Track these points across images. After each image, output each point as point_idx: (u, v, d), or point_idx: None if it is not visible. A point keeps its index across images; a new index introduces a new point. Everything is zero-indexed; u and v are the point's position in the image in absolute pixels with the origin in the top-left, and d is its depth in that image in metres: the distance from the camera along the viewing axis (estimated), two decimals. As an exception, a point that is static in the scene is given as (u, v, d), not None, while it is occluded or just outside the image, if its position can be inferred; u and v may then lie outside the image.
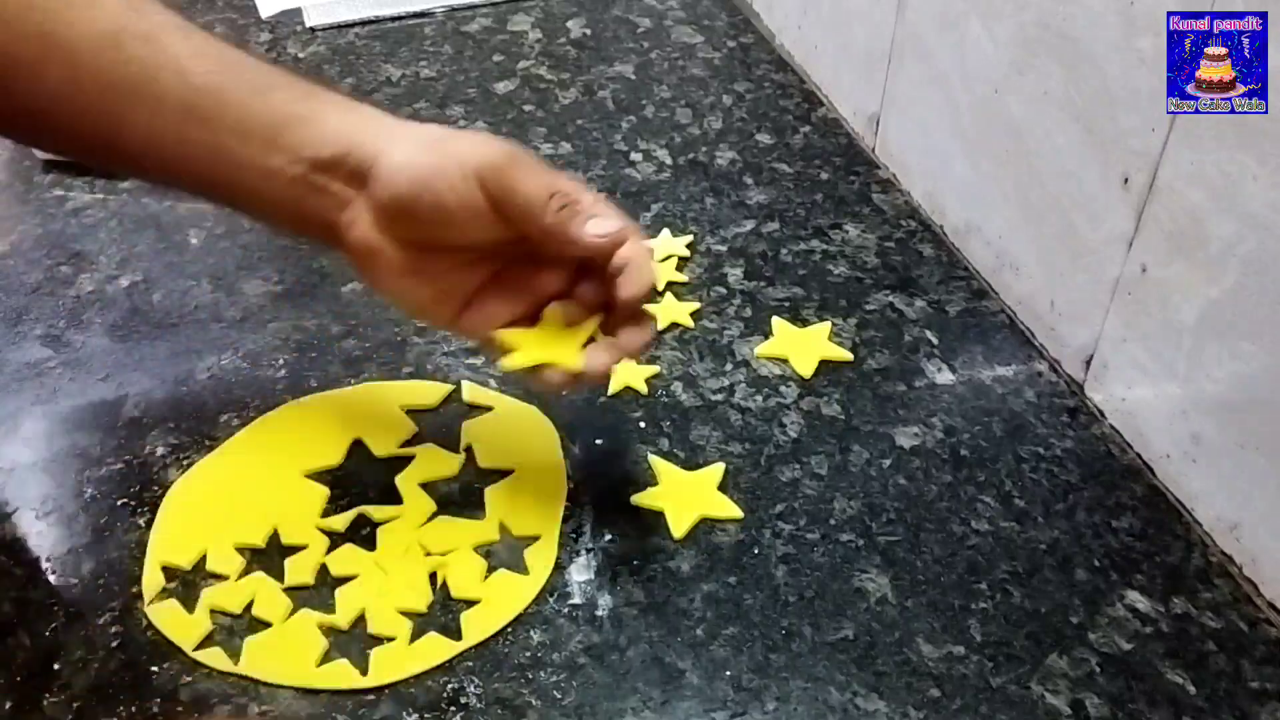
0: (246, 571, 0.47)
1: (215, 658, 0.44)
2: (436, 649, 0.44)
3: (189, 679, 0.43)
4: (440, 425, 0.54)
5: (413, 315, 0.52)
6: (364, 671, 0.44)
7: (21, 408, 0.55)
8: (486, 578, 0.47)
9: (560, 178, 0.45)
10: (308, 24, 0.89)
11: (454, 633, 0.45)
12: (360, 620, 0.45)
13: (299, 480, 0.51)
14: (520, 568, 0.47)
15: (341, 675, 0.43)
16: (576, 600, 0.46)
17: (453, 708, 0.43)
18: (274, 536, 0.49)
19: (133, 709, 0.42)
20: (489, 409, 0.55)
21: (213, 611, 0.46)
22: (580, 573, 0.47)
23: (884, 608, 0.46)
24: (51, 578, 0.47)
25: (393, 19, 0.90)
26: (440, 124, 0.50)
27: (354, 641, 0.45)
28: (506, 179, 0.44)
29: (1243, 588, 0.47)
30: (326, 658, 0.44)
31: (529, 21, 0.90)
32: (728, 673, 0.44)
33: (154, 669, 0.44)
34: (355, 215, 0.45)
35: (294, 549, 0.48)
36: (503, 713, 0.42)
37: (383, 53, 0.85)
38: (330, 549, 0.48)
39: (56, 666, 0.44)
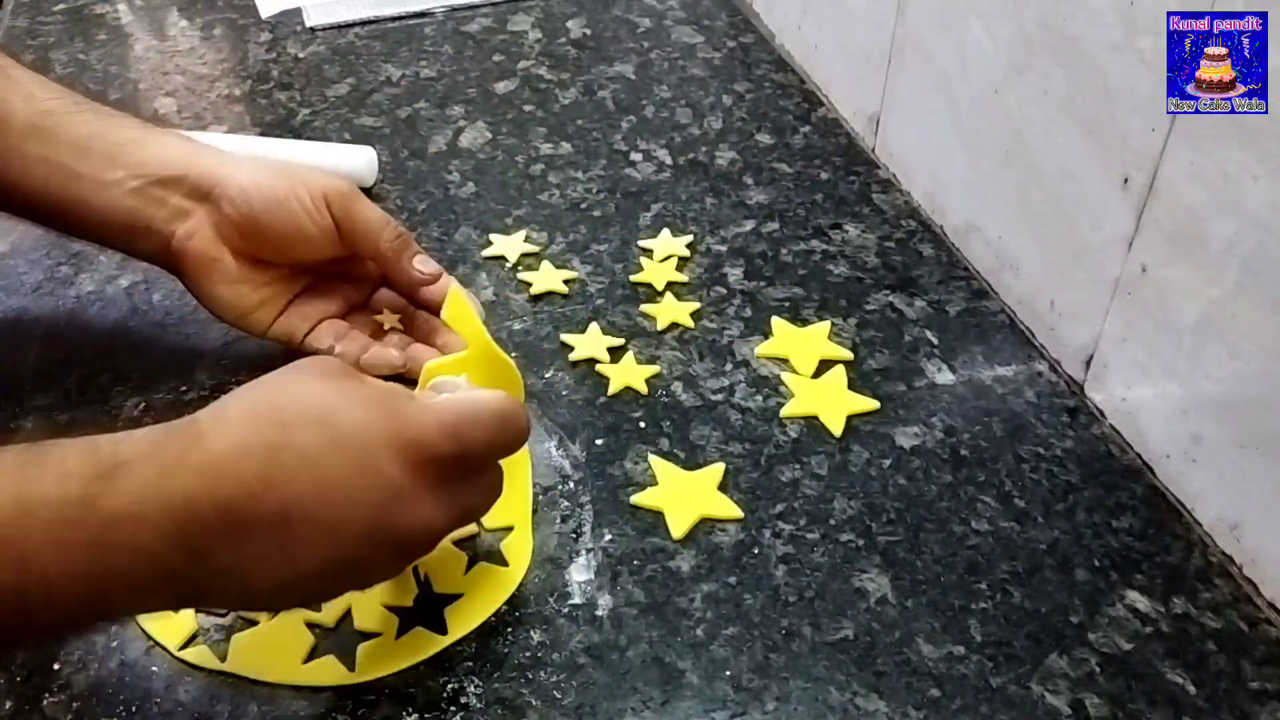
0: None
1: (201, 656, 0.44)
2: (423, 644, 0.44)
3: (189, 679, 0.43)
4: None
5: (233, 320, 0.55)
6: (351, 668, 0.44)
7: (22, 408, 0.55)
8: (467, 571, 0.47)
9: (391, 218, 0.54)
10: (308, 24, 0.89)
11: (438, 627, 0.45)
12: (346, 617, 0.46)
13: None
14: (500, 559, 0.48)
15: (328, 672, 0.44)
16: (576, 600, 0.46)
17: (453, 708, 0.43)
18: None
19: (133, 709, 0.42)
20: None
21: (198, 610, 0.46)
22: (580, 573, 0.47)
23: (884, 608, 0.46)
24: (51, 578, 0.47)
25: (393, 19, 0.90)
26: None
27: (340, 638, 0.45)
28: (351, 204, 0.53)
29: (1243, 588, 0.47)
30: (313, 655, 0.44)
31: (529, 21, 0.90)
32: (728, 673, 0.44)
33: (153, 669, 0.44)
34: (195, 227, 0.52)
35: None
36: (503, 713, 0.42)
37: (383, 53, 0.86)
38: None
39: (56, 666, 0.44)
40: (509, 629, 0.45)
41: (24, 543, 0.33)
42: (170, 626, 0.45)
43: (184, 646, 0.44)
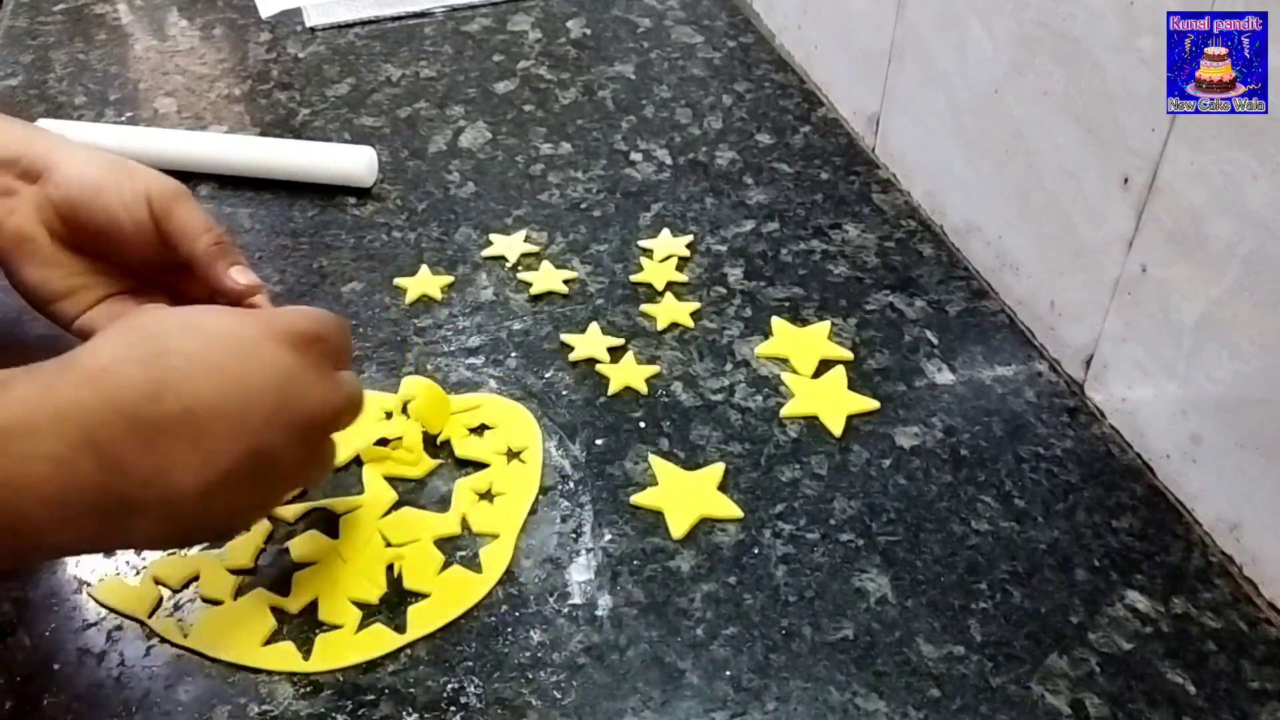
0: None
1: (166, 627, 0.45)
2: (380, 640, 0.45)
3: (189, 679, 0.43)
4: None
5: (39, 305, 0.53)
6: (307, 657, 0.44)
7: (21, 408, 0.55)
8: (440, 572, 0.47)
9: (217, 225, 0.52)
10: (308, 24, 0.89)
11: (402, 625, 0.45)
12: (312, 606, 0.46)
13: None
14: (475, 565, 0.48)
15: (284, 658, 0.44)
16: (576, 600, 0.46)
17: (453, 708, 0.43)
18: None
19: (132, 709, 0.42)
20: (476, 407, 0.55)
21: (158, 582, 0.46)
22: (580, 573, 0.47)
23: (884, 608, 0.46)
24: (51, 578, 0.47)
25: (393, 19, 0.90)
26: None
27: (302, 627, 0.45)
28: (173, 203, 0.51)
29: (1243, 588, 0.47)
30: (276, 639, 0.45)
31: (529, 21, 0.90)
32: (728, 673, 0.44)
33: (154, 669, 0.44)
34: (17, 205, 0.51)
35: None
36: (503, 713, 0.42)
37: (383, 53, 0.86)
38: (285, 536, 0.48)
39: (56, 666, 0.44)
40: (509, 629, 0.45)
41: None
42: (134, 599, 0.46)
43: (150, 615, 0.45)
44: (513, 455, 0.52)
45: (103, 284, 0.53)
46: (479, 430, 0.54)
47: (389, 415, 0.53)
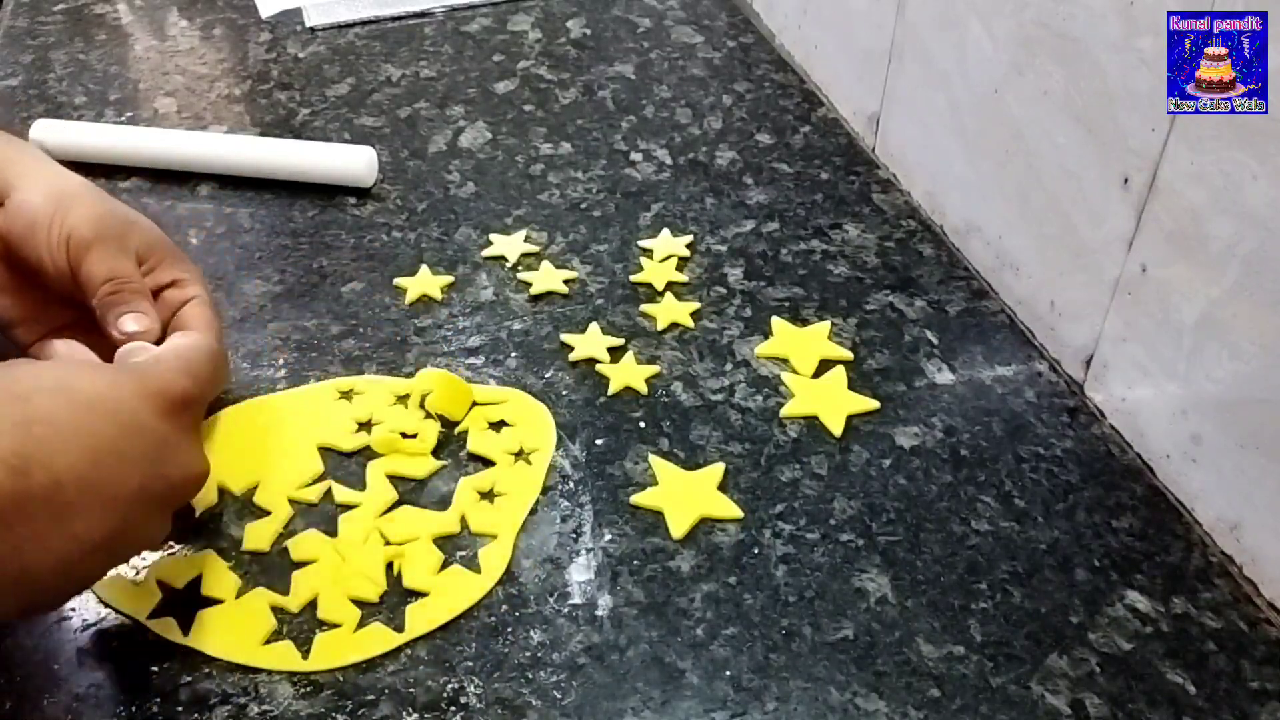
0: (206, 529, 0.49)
1: (166, 627, 0.45)
2: (379, 639, 0.45)
3: (189, 679, 0.43)
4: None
5: None
6: (306, 656, 0.44)
7: None
8: (440, 571, 0.47)
9: (128, 268, 0.49)
10: (308, 24, 0.89)
11: (401, 625, 0.45)
12: (312, 605, 0.46)
13: (309, 448, 0.52)
14: (474, 565, 0.48)
15: (284, 657, 0.44)
16: (576, 600, 0.46)
17: (453, 708, 0.43)
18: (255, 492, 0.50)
19: (133, 709, 0.42)
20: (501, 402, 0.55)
21: (159, 582, 0.46)
22: (580, 573, 0.47)
23: (884, 608, 0.46)
24: (51, 578, 0.47)
25: (393, 19, 0.90)
26: (98, 187, 0.53)
27: (302, 626, 0.45)
28: (82, 253, 0.48)
29: (1243, 588, 0.47)
30: (275, 638, 0.45)
31: (529, 21, 0.90)
32: (728, 673, 0.44)
33: (153, 669, 0.44)
34: None
35: (265, 512, 0.49)
36: (503, 713, 0.42)
37: (383, 53, 0.86)
38: (284, 535, 0.49)
39: (56, 666, 0.44)
40: (509, 629, 0.45)
41: None
42: (135, 598, 0.46)
43: (150, 617, 0.45)
44: (520, 456, 0.52)
45: (54, 315, 0.52)
46: (498, 426, 0.54)
47: (403, 401, 0.54)
